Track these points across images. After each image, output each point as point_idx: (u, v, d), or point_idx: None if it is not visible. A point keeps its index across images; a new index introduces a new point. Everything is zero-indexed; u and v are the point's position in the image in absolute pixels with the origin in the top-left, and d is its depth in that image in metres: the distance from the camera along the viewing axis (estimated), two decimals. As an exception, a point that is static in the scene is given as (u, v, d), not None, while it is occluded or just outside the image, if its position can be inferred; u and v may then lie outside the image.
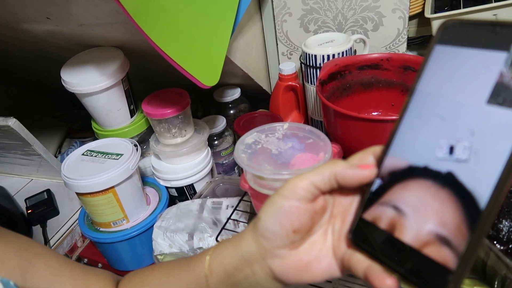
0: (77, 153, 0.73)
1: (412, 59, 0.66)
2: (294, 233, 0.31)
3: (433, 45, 0.28)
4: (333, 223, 0.33)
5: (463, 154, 0.25)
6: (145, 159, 0.89)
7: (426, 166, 0.27)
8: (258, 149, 0.55)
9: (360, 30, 0.82)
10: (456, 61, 0.27)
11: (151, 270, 0.44)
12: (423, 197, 0.26)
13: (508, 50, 0.24)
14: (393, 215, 0.28)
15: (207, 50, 0.64)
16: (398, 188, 0.28)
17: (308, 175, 0.31)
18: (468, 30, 0.27)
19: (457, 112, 0.26)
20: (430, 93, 0.28)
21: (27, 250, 0.40)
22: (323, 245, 0.32)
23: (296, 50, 0.90)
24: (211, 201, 0.71)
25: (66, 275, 0.42)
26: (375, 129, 0.57)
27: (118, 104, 0.80)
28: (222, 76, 0.65)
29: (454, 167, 0.25)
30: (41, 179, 0.99)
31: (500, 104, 0.24)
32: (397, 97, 0.70)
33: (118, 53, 0.79)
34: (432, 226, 0.26)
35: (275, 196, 0.31)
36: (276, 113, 0.88)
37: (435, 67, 0.28)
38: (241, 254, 0.34)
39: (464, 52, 0.26)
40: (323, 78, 0.66)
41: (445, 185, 0.26)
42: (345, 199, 0.32)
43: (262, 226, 0.32)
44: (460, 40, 0.27)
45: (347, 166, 0.30)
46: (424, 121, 0.28)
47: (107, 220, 0.72)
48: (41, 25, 0.73)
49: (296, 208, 0.30)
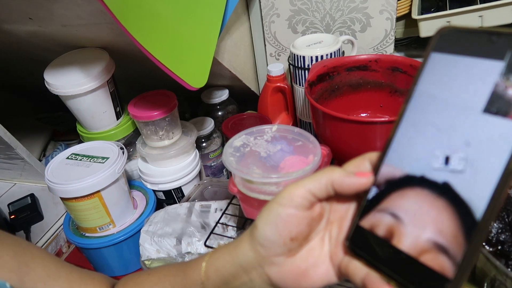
0: (61, 157, 0.72)
1: (400, 60, 0.66)
2: (292, 241, 0.31)
3: (429, 53, 0.28)
4: (330, 230, 0.33)
5: (458, 165, 0.25)
6: (131, 162, 0.87)
7: (422, 175, 0.27)
8: (247, 152, 0.54)
9: (348, 31, 0.82)
10: (452, 70, 0.27)
11: (146, 275, 0.44)
12: (420, 205, 0.26)
13: (504, 60, 0.24)
14: (390, 222, 0.28)
15: (194, 51, 0.63)
16: (395, 196, 0.28)
17: (305, 182, 0.31)
18: (464, 38, 0.26)
19: (453, 122, 0.26)
20: (426, 101, 0.28)
21: (24, 253, 0.40)
22: (320, 252, 0.32)
23: (284, 51, 0.90)
24: (199, 204, 0.70)
25: (63, 278, 0.42)
26: (364, 130, 0.56)
27: (103, 106, 0.78)
28: (210, 77, 0.64)
29: (450, 178, 0.25)
30: (24, 183, 0.96)
31: (496, 114, 0.24)
32: (386, 99, 0.70)
33: (103, 54, 0.77)
34: (429, 234, 0.26)
35: (272, 204, 0.31)
36: (264, 115, 0.87)
37: (431, 74, 0.28)
38: (238, 261, 0.34)
39: (460, 61, 0.26)
40: (311, 79, 0.65)
41: (442, 194, 0.26)
42: (341, 205, 0.32)
43: (259, 234, 0.32)
44: (456, 48, 0.27)
45: (344, 174, 0.30)
46: (420, 130, 0.28)
47: (93, 225, 0.70)
48: (23, 26, 0.71)
49: (293, 216, 0.30)
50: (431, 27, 0.81)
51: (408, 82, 0.66)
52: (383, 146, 0.30)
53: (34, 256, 0.40)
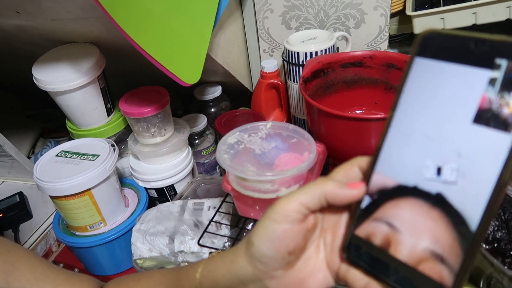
0: (50, 154, 0.70)
1: (395, 56, 0.66)
2: (290, 255, 0.31)
3: (413, 57, 0.27)
4: (324, 237, 0.33)
5: (450, 176, 0.25)
6: (123, 160, 0.86)
7: (415, 185, 0.27)
8: (241, 149, 0.53)
9: (342, 27, 0.81)
10: (438, 76, 0.26)
11: (136, 280, 0.43)
12: (415, 215, 0.26)
13: (491, 68, 0.23)
14: (386, 232, 0.28)
15: (187, 46, 0.62)
16: (390, 206, 0.28)
17: (298, 196, 0.30)
18: (448, 43, 0.25)
19: (443, 131, 0.25)
20: (414, 109, 0.27)
21: (10, 253, 0.39)
22: (316, 259, 0.32)
23: (278, 47, 0.89)
24: (192, 202, 0.69)
25: (49, 280, 0.42)
26: (359, 127, 0.56)
27: (94, 102, 0.77)
28: (203, 73, 0.63)
29: (443, 188, 0.25)
30: (13, 181, 0.94)
31: (485, 124, 0.24)
32: (381, 95, 0.69)
33: (93, 50, 0.76)
34: (426, 244, 0.26)
35: (266, 220, 0.31)
36: (258, 112, 0.86)
37: (416, 81, 0.27)
38: (235, 275, 0.34)
39: (445, 67, 0.25)
40: (306, 75, 0.65)
41: (436, 205, 0.26)
42: (334, 213, 0.32)
43: (256, 251, 0.31)
44: (441, 53, 0.26)
45: (336, 186, 0.30)
46: (409, 138, 0.27)
47: (83, 223, 0.69)
48: (10, 20, 0.69)
49: (289, 231, 0.30)
50: (425, 24, 0.81)
51: (402, 79, 0.66)
52: (373, 153, 0.29)
53: (20, 257, 0.40)
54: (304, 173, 0.51)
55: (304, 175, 0.52)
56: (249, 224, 0.59)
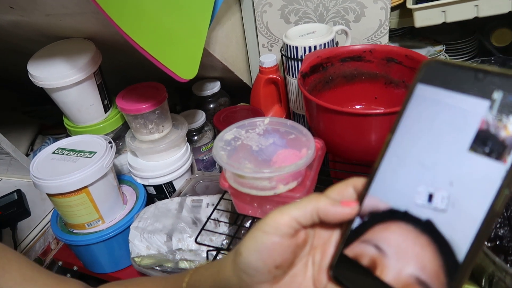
0: (47, 152, 0.69)
1: (395, 50, 0.64)
2: (277, 269, 0.30)
3: (416, 83, 0.28)
4: (313, 255, 0.32)
5: (441, 203, 0.25)
6: (121, 156, 0.85)
7: (406, 210, 0.27)
8: (238, 145, 0.52)
9: (342, 21, 0.80)
10: (438, 104, 0.27)
11: (124, 287, 0.43)
12: (404, 240, 0.27)
13: (490, 99, 0.24)
14: (374, 254, 0.28)
15: (183, 41, 0.61)
16: (380, 228, 0.28)
17: (290, 210, 0.30)
18: (450, 73, 0.26)
19: (437, 158, 0.26)
20: (411, 135, 0.28)
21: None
22: (303, 277, 0.32)
23: (277, 42, 0.87)
24: (190, 199, 0.69)
25: (39, 283, 0.41)
26: (359, 123, 0.55)
27: (90, 99, 0.76)
28: (201, 69, 0.62)
29: (432, 215, 0.25)
30: (11, 179, 0.94)
31: (481, 154, 0.24)
32: (380, 90, 0.68)
33: (89, 45, 0.75)
34: (412, 269, 0.26)
35: (256, 231, 0.30)
36: (257, 107, 0.85)
37: (417, 107, 0.28)
38: (220, 286, 0.34)
39: (446, 95, 0.26)
40: (304, 70, 0.64)
41: (425, 231, 0.26)
42: (325, 231, 0.32)
43: (243, 261, 0.31)
44: (443, 81, 0.27)
45: (329, 203, 0.30)
46: (404, 163, 0.28)
47: (81, 221, 0.68)
48: (4, 15, 0.68)
49: (278, 244, 0.29)
50: (426, 17, 0.80)
51: (403, 73, 0.65)
52: (369, 175, 0.30)
53: (10, 259, 0.39)
54: (302, 169, 0.50)
55: (302, 171, 0.51)
56: (247, 222, 0.58)
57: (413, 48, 0.94)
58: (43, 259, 0.80)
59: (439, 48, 0.92)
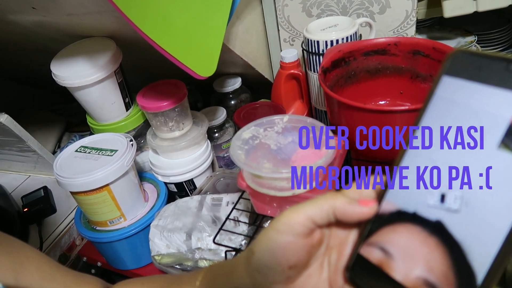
0: (70, 150, 0.70)
1: (422, 43, 0.61)
2: (290, 269, 0.29)
3: (441, 76, 0.26)
4: (329, 255, 0.31)
5: (454, 203, 0.24)
6: (142, 154, 0.85)
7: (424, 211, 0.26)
8: (256, 144, 0.51)
9: (366, 13, 0.77)
10: (464, 98, 0.25)
11: (140, 284, 0.43)
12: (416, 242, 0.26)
13: None
14: (395, 255, 0.27)
15: (201, 38, 0.60)
16: (398, 229, 0.27)
17: (306, 208, 0.29)
18: (479, 64, 0.24)
19: (461, 156, 0.24)
20: (433, 130, 0.26)
21: (19, 253, 0.39)
22: (318, 278, 0.30)
23: (299, 36, 0.85)
24: (210, 197, 0.68)
25: (57, 281, 0.42)
26: (383, 120, 0.52)
27: (112, 97, 0.76)
28: (221, 65, 0.61)
29: (444, 216, 0.25)
30: (38, 176, 0.96)
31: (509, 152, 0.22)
32: (406, 84, 0.65)
33: (110, 44, 0.75)
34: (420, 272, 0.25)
35: (270, 230, 0.29)
36: (278, 103, 0.84)
37: (441, 101, 0.26)
38: (233, 285, 0.33)
39: (474, 88, 0.24)
40: (325, 65, 0.62)
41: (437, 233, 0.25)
42: (342, 231, 0.30)
43: (256, 261, 0.30)
44: (471, 74, 0.24)
45: (347, 202, 0.28)
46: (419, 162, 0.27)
47: (103, 219, 0.69)
48: (28, 16, 0.69)
49: (292, 243, 0.28)
50: (456, 6, 0.76)
51: (430, 66, 0.62)
52: (388, 172, 0.29)
53: (29, 257, 0.40)
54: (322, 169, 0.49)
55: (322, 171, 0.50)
56: (266, 222, 0.57)
57: (442, 39, 0.90)
58: (68, 254, 0.82)
59: (470, 39, 0.87)
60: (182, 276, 0.41)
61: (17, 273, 0.37)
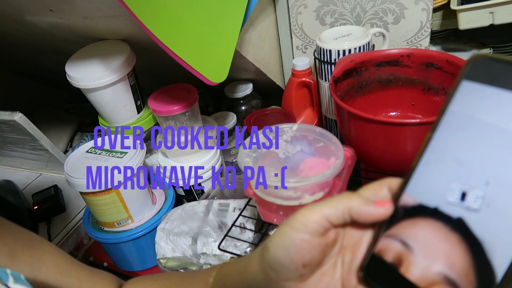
0: (81, 151, 0.71)
1: (434, 55, 0.61)
2: (304, 267, 0.29)
3: (460, 80, 0.26)
4: (343, 255, 0.31)
5: (474, 203, 0.24)
6: (152, 156, 0.86)
7: (441, 209, 0.26)
8: (264, 152, 0.51)
9: (380, 23, 0.77)
10: (483, 102, 0.25)
11: (153, 280, 0.44)
12: (439, 240, 0.25)
13: None
14: (410, 257, 0.26)
15: (214, 44, 0.60)
16: (414, 229, 0.27)
17: (321, 208, 0.29)
18: (499, 69, 0.24)
19: (477, 157, 0.25)
20: (451, 131, 0.26)
21: (36, 248, 0.40)
22: (332, 277, 0.30)
23: (312, 44, 0.85)
24: (217, 202, 0.68)
25: (72, 275, 0.42)
26: (393, 132, 0.52)
27: (124, 99, 0.77)
28: (233, 71, 0.61)
29: (465, 215, 0.25)
30: (49, 174, 0.98)
31: None
32: (418, 97, 0.65)
33: (124, 47, 0.76)
34: (441, 268, 0.25)
35: (285, 227, 0.29)
36: (288, 111, 0.84)
37: (460, 104, 0.26)
38: (246, 282, 0.33)
39: (494, 93, 0.24)
40: (337, 75, 0.61)
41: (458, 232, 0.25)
42: (356, 231, 0.31)
43: (270, 257, 0.30)
44: (491, 78, 0.25)
45: (362, 202, 0.28)
46: (441, 161, 0.26)
47: (111, 220, 0.70)
48: (45, 18, 0.70)
49: (307, 242, 0.28)
50: (471, 19, 0.75)
51: (443, 79, 0.61)
52: (405, 174, 0.29)
53: (46, 251, 0.40)
54: (329, 179, 0.48)
55: (329, 181, 0.49)
56: (272, 230, 0.57)
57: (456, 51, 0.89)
58: (76, 253, 0.83)
59: (486, 51, 0.86)
60: (195, 273, 0.41)
61: (34, 266, 0.38)
